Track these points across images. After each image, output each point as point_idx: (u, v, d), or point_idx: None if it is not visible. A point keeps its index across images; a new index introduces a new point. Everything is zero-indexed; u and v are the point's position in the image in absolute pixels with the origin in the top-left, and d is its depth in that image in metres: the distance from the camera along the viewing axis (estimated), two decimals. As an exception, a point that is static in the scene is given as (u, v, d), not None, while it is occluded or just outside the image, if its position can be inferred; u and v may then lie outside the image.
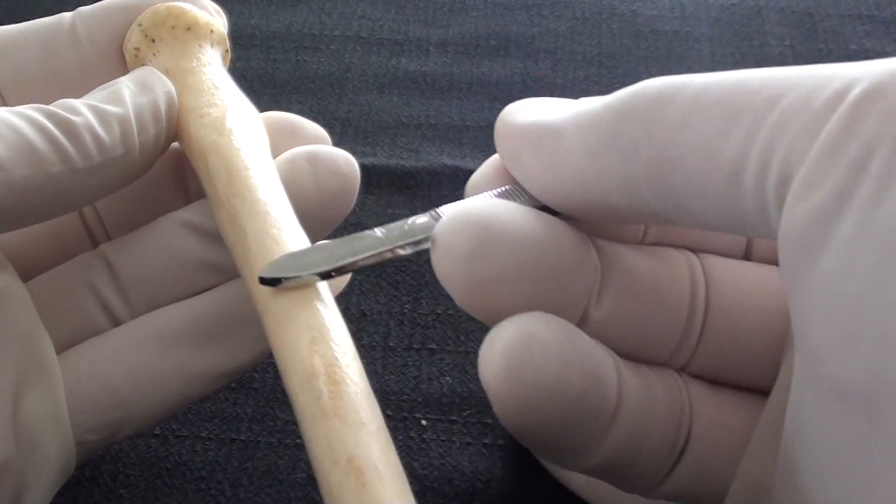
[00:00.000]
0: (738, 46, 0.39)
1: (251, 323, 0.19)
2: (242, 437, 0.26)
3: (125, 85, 0.19)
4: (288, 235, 0.18)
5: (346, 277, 0.22)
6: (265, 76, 0.37)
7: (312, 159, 0.21)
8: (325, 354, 0.16)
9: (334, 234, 0.21)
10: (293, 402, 0.16)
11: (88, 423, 0.19)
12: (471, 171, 0.20)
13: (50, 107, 0.18)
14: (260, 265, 0.17)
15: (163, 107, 0.19)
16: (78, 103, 0.18)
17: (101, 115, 0.18)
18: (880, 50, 0.39)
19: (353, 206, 0.22)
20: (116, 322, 0.20)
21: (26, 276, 0.20)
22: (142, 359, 0.19)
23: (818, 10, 0.40)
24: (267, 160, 0.20)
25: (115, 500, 0.25)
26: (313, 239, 0.19)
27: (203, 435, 0.26)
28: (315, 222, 0.20)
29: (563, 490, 0.25)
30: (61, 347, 0.19)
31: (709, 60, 0.38)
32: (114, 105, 0.19)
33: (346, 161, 0.21)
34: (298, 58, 0.38)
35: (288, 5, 0.41)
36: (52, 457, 0.18)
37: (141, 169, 0.20)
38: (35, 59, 0.20)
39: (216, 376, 0.20)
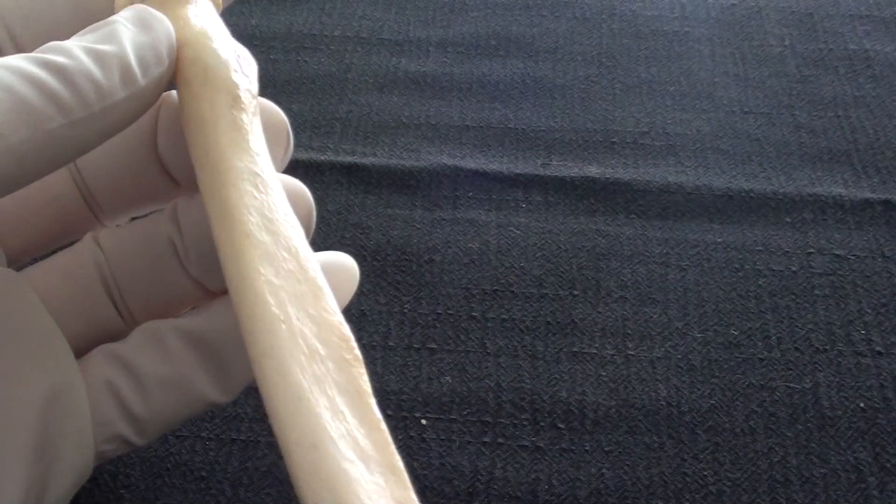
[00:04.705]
0: (738, 46, 0.38)
1: None
2: (242, 437, 0.26)
3: (121, 24, 0.18)
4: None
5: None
6: (265, 76, 0.37)
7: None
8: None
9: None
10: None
11: (103, 435, 0.19)
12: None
13: (41, 54, 0.16)
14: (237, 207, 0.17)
15: (164, 47, 0.18)
16: (71, 45, 0.16)
17: (97, 56, 0.16)
18: (880, 50, 0.39)
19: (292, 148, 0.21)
20: (127, 323, 0.20)
21: (24, 252, 0.20)
22: (152, 372, 0.19)
23: (818, 10, 0.40)
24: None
25: (115, 500, 0.25)
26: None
27: (203, 435, 0.26)
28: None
29: (563, 490, 0.25)
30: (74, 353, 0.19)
31: (709, 60, 0.38)
32: (110, 44, 0.17)
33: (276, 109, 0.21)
34: (298, 58, 0.38)
35: (288, 5, 0.41)
36: (74, 468, 0.18)
37: (142, 111, 0.18)
38: None
39: (223, 391, 0.21)
